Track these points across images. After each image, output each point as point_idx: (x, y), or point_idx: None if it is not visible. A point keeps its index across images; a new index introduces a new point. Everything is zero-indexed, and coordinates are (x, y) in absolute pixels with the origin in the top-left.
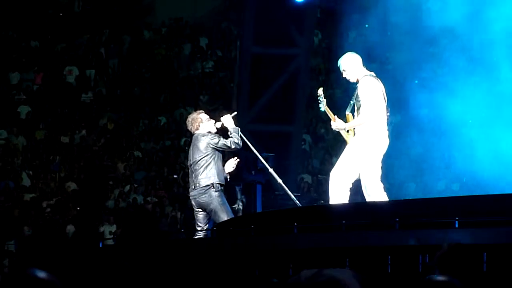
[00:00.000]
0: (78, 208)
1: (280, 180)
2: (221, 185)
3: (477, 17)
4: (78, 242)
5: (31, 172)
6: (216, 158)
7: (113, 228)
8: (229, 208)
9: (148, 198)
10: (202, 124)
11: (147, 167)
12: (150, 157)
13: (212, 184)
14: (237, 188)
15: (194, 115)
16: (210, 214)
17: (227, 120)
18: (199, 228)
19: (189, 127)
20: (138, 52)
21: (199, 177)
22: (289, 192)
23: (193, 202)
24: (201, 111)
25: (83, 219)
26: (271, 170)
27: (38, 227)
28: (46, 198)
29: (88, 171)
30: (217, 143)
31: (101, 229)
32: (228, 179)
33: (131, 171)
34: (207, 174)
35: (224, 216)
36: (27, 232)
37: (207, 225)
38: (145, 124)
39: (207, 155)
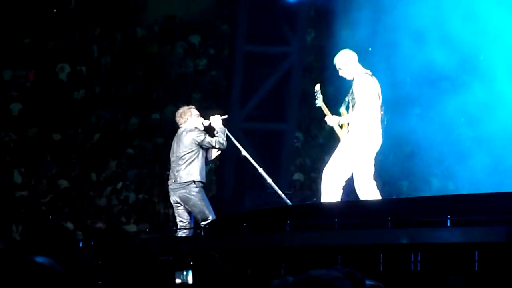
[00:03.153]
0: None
1: (270, 180)
2: (202, 182)
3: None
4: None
5: (22, 170)
6: (199, 155)
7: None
8: (209, 204)
9: (140, 196)
10: (190, 118)
11: (139, 165)
12: (142, 155)
13: (193, 181)
14: None
15: (185, 108)
16: (190, 209)
17: (216, 120)
18: (183, 223)
19: (177, 119)
20: (130, 50)
21: (181, 172)
22: (280, 192)
23: (171, 196)
24: (192, 106)
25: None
26: (261, 170)
27: (30, 226)
28: (38, 196)
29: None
30: (203, 140)
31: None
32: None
33: (123, 168)
34: (190, 170)
35: (205, 211)
36: (14, 230)
37: (190, 221)
38: (137, 122)
39: (192, 151)
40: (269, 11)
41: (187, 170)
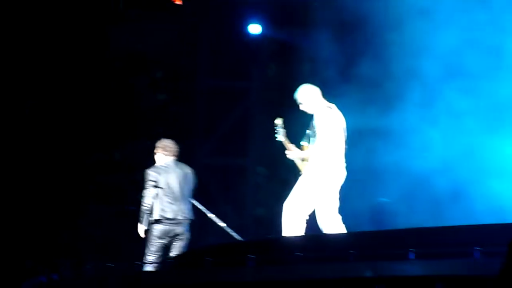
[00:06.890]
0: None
1: (224, 224)
2: None
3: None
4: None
5: None
6: None
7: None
8: None
9: (104, 232)
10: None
11: (100, 201)
12: (104, 191)
13: (192, 218)
14: None
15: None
16: (179, 244)
17: None
18: (153, 258)
19: (173, 152)
20: (91, 84)
21: (185, 208)
22: (234, 234)
23: (165, 227)
24: None
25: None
26: (211, 215)
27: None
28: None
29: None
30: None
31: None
32: None
33: (85, 205)
34: (190, 208)
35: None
36: None
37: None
38: (98, 158)
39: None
40: (231, 45)
41: (189, 207)
